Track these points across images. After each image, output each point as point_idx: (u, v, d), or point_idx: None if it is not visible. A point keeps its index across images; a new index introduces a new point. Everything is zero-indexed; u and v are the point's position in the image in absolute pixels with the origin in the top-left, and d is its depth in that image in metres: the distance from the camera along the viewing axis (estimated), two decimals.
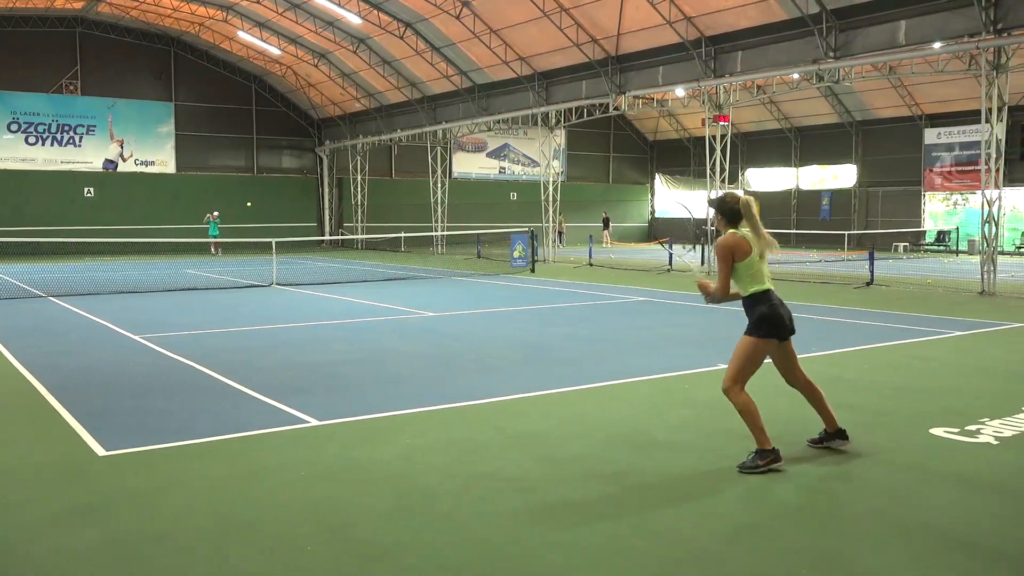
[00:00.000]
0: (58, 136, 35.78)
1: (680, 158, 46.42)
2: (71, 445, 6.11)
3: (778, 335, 5.74)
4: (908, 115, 35.70)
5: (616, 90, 27.05)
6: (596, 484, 5.26)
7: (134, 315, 13.73)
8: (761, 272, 5.79)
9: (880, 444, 6.17)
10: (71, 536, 4.42)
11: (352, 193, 40.11)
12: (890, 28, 19.92)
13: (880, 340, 11.04)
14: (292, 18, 32.03)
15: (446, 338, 11.32)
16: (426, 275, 22.70)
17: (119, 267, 25.89)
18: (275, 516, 4.70)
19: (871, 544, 4.33)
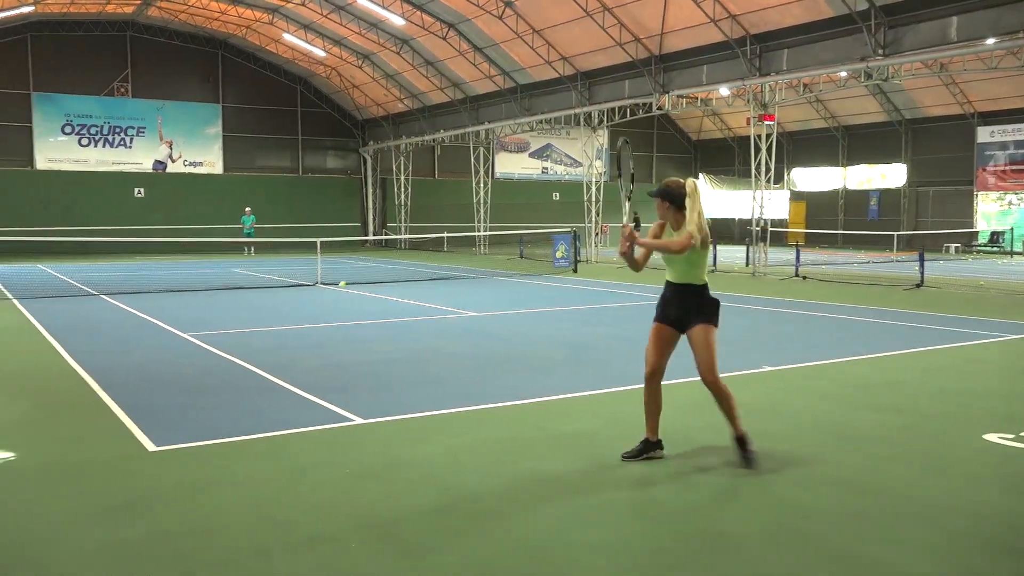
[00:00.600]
0: (109, 138, 36.53)
1: (724, 158, 45.96)
2: (122, 440, 6.23)
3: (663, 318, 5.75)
4: (960, 113, 34.93)
5: (659, 89, 26.87)
6: (639, 486, 5.22)
7: (182, 313, 13.96)
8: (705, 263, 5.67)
9: (932, 449, 6.04)
10: (120, 529, 4.50)
11: (395, 193, 40.37)
12: (941, 24, 19.50)
13: (931, 343, 10.82)
14: (337, 20, 32.34)
15: (489, 338, 11.33)
16: (469, 275, 22.76)
17: (168, 266, 26.37)
18: (317, 513, 4.74)
19: (921, 550, 4.23)
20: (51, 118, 35.47)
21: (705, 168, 47.62)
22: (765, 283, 19.96)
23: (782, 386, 8.19)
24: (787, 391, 7.97)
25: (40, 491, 5.14)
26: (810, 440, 6.26)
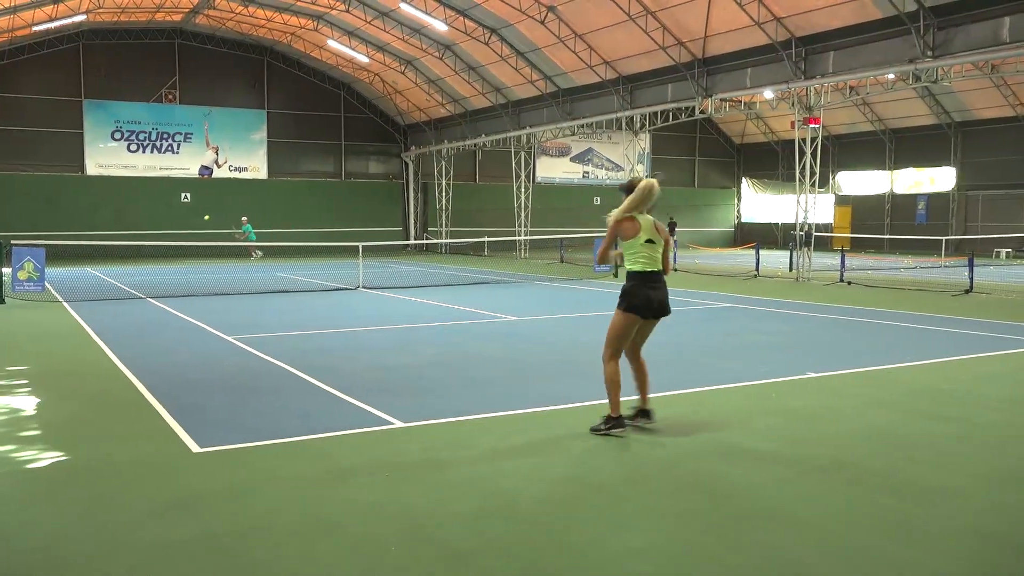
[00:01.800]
0: (157, 143, 37.26)
1: (768, 162, 45.48)
2: (168, 441, 6.33)
3: (639, 312, 6.41)
4: (1012, 115, 34.17)
5: (702, 93, 26.68)
6: (681, 492, 5.18)
7: (226, 316, 14.16)
8: (643, 254, 6.36)
9: (983, 458, 5.90)
10: (170, 529, 4.57)
11: (436, 198, 40.61)
12: (992, 25, 19.10)
13: (981, 350, 10.57)
14: (380, 26, 32.63)
15: (530, 342, 11.32)
16: (509, 279, 22.78)
17: (213, 270, 26.77)
18: (360, 516, 4.77)
19: (974, 562, 4.13)
20: (101, 124, 36.29)
21: (748, 172, 47.16)
22: (809, 288, 19.68)
23: (828, 393, 8.06)
24: (833, 397, 7.84)
25: (90, 490, 5.24)
26: (858, 447, 6.15)
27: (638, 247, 6.35)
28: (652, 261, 6.38)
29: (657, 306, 6.42)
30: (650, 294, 6.37)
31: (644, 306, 6.39)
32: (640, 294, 6.37)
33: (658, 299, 6.41)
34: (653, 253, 6.38)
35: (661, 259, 6.45)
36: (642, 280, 6.38)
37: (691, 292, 18.77)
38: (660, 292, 6.43)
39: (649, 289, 6.37)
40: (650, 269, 6.37)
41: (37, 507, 4.94)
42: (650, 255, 6.37)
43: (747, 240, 42.45)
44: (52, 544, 4.38)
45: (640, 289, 6.38)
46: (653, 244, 6.37)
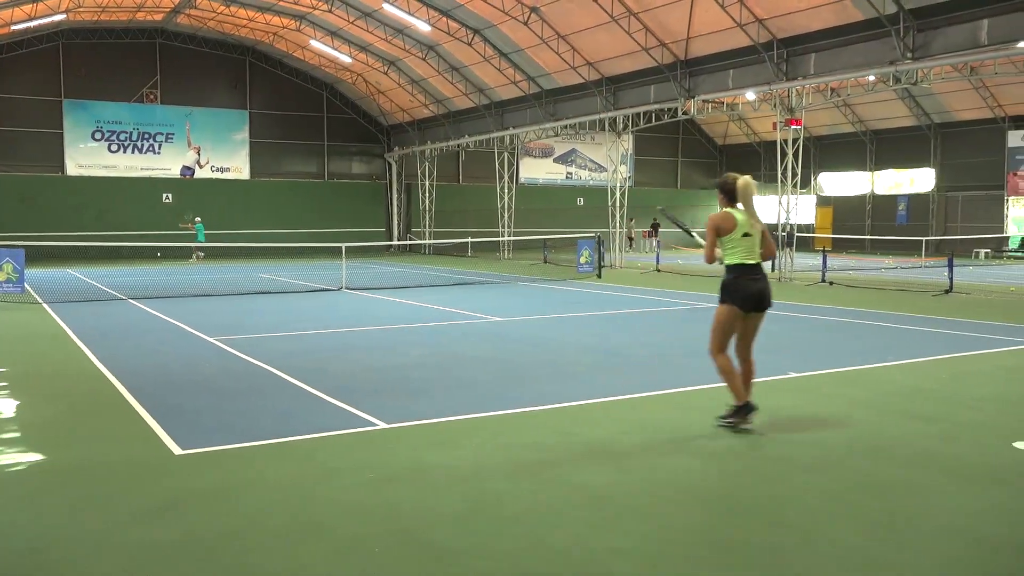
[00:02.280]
0: (139, 144, 37.02)
1: (750, 162, 45.70)
2: (150, 443, 6.29)
3: (738, 304, 6.51)
4: (990, 117, 34.52)
5: (685, 94, 26.78)
6: (665, 492, 5.20)
7: (208, 318, 14.08)
8: (741, 248, 6.50)
9: (962, 457, 5.96)
10: (154, 531, 4.54)
11: (420, 198, 40.55)
12: (971, 27, 19.29)
13: (960, 349, 10.68)
14: (363, 26, 32.56)
15: (514, 343, 11.33)
16: (493, 280, 22.79)
17: (194, 270, 26.63)
18: (345, 517, 4.76)
19: (951, 560, 4.18)
20: (81, 124, 36.01)
21: (730, 173, 47.35)
22: (792, 288, 19.80)
23: (810, 392, 8.12)
24: (815, 397, 7.90)
25: (72, 493, 5.20)
26: (839, 447, 6.20)
27: (736, 241, 6.49)
28: (750, 254, 6.51)
29: (757, 298, 6.52)
30: (750, 286, 6.49)
31: (744, 298, 6.50)
32: (740, 287, 6.51)
33: (758, 290, 6.51)
34: (751, 246, 6.49)
35: (759, 252, 6.55)
36: (741, 272, 6.51)
37: (673, 292, 18.84)
38: (760, 284, 6.53)
39: (749, 281, 6.50)
40: (749, 261, 6.50)
41: (18, 510, 4.90)
42: (748, 248, 6.50)
43: None
44: (34, 547, 4.35)
45: (740, 282, 6.51)
46: (750, 237, 6.49)
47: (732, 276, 6.53)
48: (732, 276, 6.53)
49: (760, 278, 6.53)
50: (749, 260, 6.51)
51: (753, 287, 6.50)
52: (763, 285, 6.54)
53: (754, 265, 6.52)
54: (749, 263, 6.51)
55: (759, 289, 6.52)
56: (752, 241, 6.49)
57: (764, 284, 6.55)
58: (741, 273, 6.51)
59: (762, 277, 6.55)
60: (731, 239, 6.49)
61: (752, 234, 6.49)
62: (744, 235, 6.48)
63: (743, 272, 6.51)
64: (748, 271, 6.50)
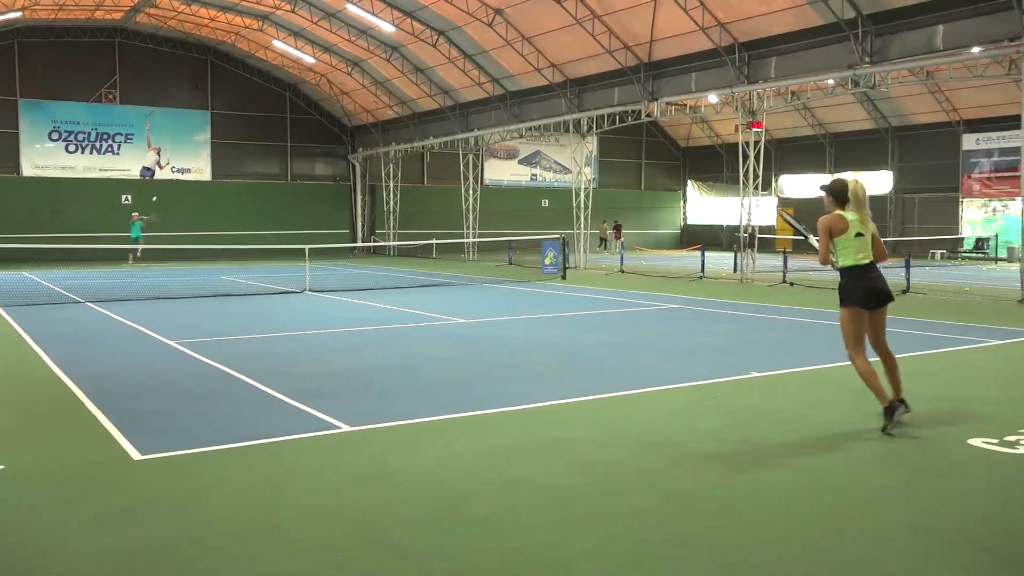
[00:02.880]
0: (97, 144, 36.42)
1: (713, 165, 46.13)
2: (107, 449, 6.19)
3: (861, 303, 6.66)
4: (946, 120, 35.18)
5: (648, 97, 26.97)
6: (630, 492, 5.23)
7: (169, 320, 13.90)
8: (853, 248, 6.66)
9: (917, 454, 6.07)
10: (110, 538, 4.48)
11: (384, 200, 40.36)
12: (927, 32, 19.66)
13: (917, 348, 10.87)
14: (326, 27, 32.34)
15: (478, 344, 11.33)
16: (458, 282, 22.76)
17: (155, 273, 26.27)
18: (308, 521, 4.73)
19: (908, 555, 4.26)
20: (38, 124, 35.34)
21: (693, 175, 47.78)
22: (753, 289, 20.03)
23: (772, 392, 8.22)
24: (776, 397, 8.00)
25: (29, 500, 5.11)
26: (801, 446, 6.29)
27: (849, 241, 6.65)
28: (864, 254, 6.67)
29: (877, 293, 6.70)
30: (867, 284, 6.67)
31: (865, 296, 6.67)
32: (858, 287, 6.68)
33: (877, 287, 6.69)
34: (863, 246, 6.65)
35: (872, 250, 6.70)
36: (857, 273, 6.69)
37: (637, 294, 18.96)
38: (878, 280, 6.71)
39: (866, 280, 6.68)
40: (864, 261, 6.67)
41: None
42: (861, 247, 6.66)
43: (693, 242, 43.01)
44: None
45: (857, 282, 6.68)
46: (863, 237, 6.66)
47: (849, 278, 6.71)
48: (849, 278, 6.71)
49: (877, 274, 6.73)
50: (864, 260, 6.67)
51: (872, 285, 6.69)
52: (882, 281, 6.74)
53: (869, 264, 6.68)
54: (864, 263, 6.67)
55: (879, 286, 6.71)
56: (864, 241, 6.66)
57: (882, 279, 6.75)
58: (858, 274, 6.68)
59: (878, 273, 6.74)
60: (845, 239, 6.66)
61: (864, 233, 6.66)
62: (857, 235, 6.65)
63: (860, 272, 6.67)
64: (864, 271, 6.67)
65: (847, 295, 6.73)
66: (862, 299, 6.67)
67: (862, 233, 6.66)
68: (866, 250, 6.69)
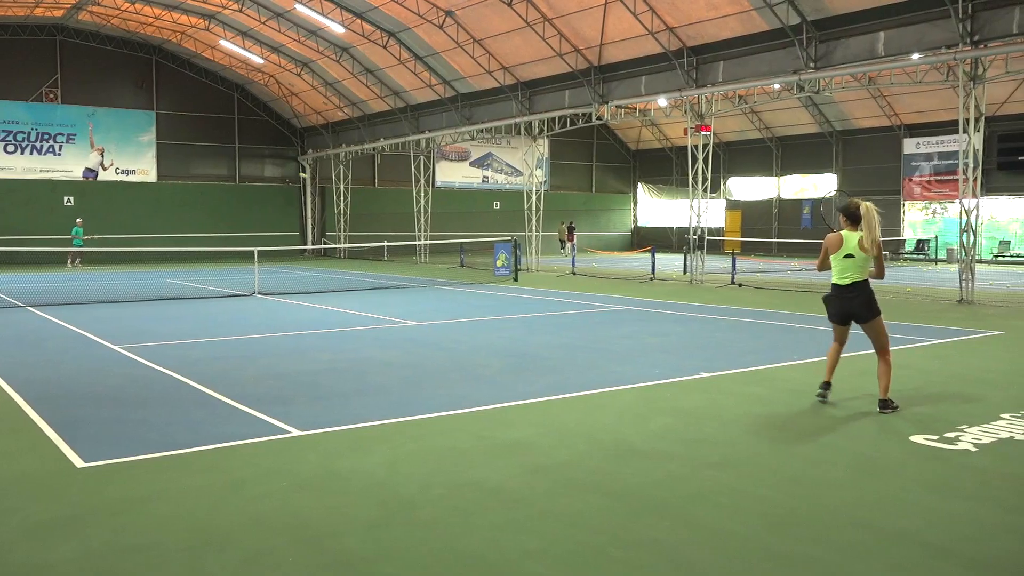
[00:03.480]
0: (37, 144, 35.50)
1: (663, 167, 46.60)
2: (49, 456, 6.04)
3: (831, 317, 7.61)
4: (887, 125, 36.02)
5: (599, 100, 27.15)
6: (577, 493, 5.26)
7: (113, 325, 13.62)
8: (838, 268, 7.37)
9: (859, 451, 6.20)
10: (47, 549, 4.36)
11: (335, 202, 40.01)
12: (869, 39, 20.10)
13: (860, 348, 11.07)
14: (275, 27, 31.97)
15: (429, 347, 11.29)
16: (409, 284, 22.66)
17: (99, 276, 25.70)
18: (254, 528, 4.67)
19: (850, 551, 4.35)
20: None
21: (644, 177, 48.21)
22: (703, 290, 20.27)
23: (720, 392, 8.33)
24: (724, 397, 8.10)
25: None
26: (747, 444, 6.38)
27: (837, 261, 7.38)
28: (843, 275, 7.35)
29: (844, 313, 7.47)
30: (835, 303, 7.48)
31: (835, 312, 7.54)
32: (832, 302, 7.54)
33: (842, 308, 7.44)
34: (847, 267, 7.31)
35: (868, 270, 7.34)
36: (836, 291, 7.47)
37: (588, 295, 19.07)
38: (851, 301, 7.35)
39: (835, 299, 7.48)
40: (841, 282, 7.38)
41: None
42: (842, 269, 7.34)
43: (644, 244, 43.41)
44: None
45: (833, 299, 7.52)
46: (851, 259, 7.29)
47: (830, 292, 7.57)
48: (830, 292, 7.57)
49: (848, 297, 7.36)
50: (843, 281, 7.35)
51: (838, 304, 7.47)
52: (848, 304, 7.39)
53: (846, 286, 7.34)
54: (843, 283, 7.36)
55: (842, 307, 7.44)
56: (851, 263, 7.28)
57: (850, 303, 7.38)
58: (833, 291, 7.50)
59: (855, 295, 7.32)
60: (835, 258, 7.37)
61: (854, 255, 7.26)
62: (845, 256, 7.30)
63: (834, 290, 7.48)
64: (842, 290, 7.39)
65: (826, 306, 7.67)
66: (833, 314, 7.57)
67: (851, 255, 7.27)
68: (850, 271, 7.29)
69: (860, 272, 7.30)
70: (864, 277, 7.34)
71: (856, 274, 7.30)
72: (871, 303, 7.36)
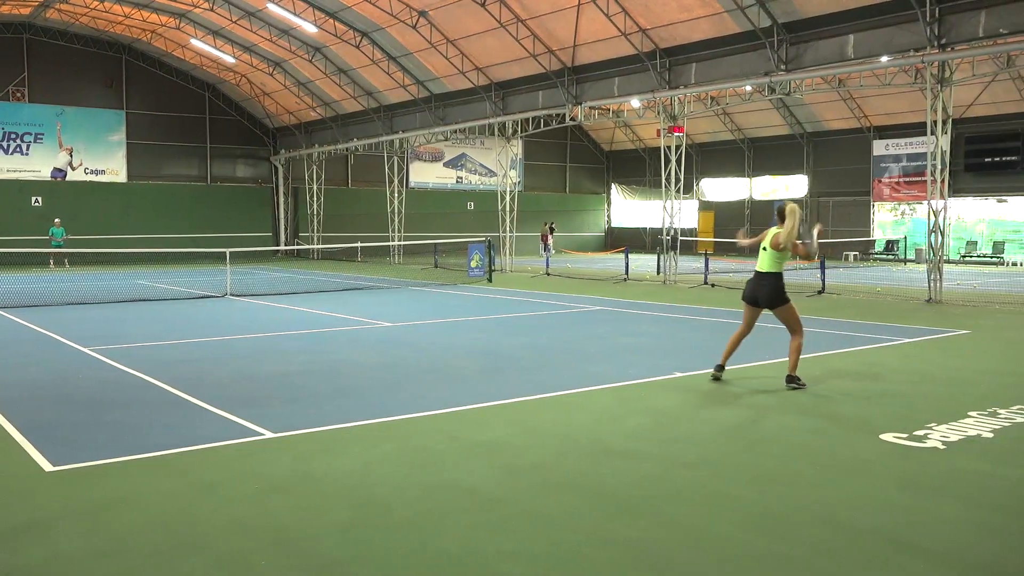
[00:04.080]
0: (4, 144, 34.97)
1: (636, 168, 46.81)
2: (16, 460, 5.95)
3: (744, 296, 8.74)
4: (857, 127, 36.43)
5: (572, 100, 27.22)
6: (553, 493, 5.27)
7: (83, 327, 13.45)
8: (758, 258, 8.57)
9: (831, 449, 6.27)
10: (12, 554, 4.30)
11: (308, 202, 39.78)
12: (839, 42, 20.32)
13: (830, 347, 11.23)
14: (247, 26, 31.73)
15: (403, 348, 11.26)
16: (383, 285, 22.58)
17: (67, 278, 25.36)
18: (227, 531, 4.63)
19: (820, 548, 4.39)
20: None
21: (617, 178, 48.39)
22: (676, 291, 20.38)
23: (693, 392, 8.38)
24: (698, 396, 8.15)
25: None
26: (720, 443, 6.43)
27: (758, 252, 8.61)
28: (761, 264, 8.56)
29: (750, 295, 8.63)
30: (751, 286, 8.64)
31: (747, 294, 8.69)
32: (748, 285, 8.69)
33: (751, 293, 8.60)
34: (760, 258, 8.55)
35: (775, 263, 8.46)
36: (753, 276, 8.66)
37: (562, 296, 19.10)
38: (758, 287, 8.52)
39: (750, 282, 8.66)
40: (758, 269, 8.59)
41: None
42: (760, 258, 8.56)
43: (618, 244, 43.56)
44: None
45: (749, 282, 8.70)
46: (765, 251, 8.50)
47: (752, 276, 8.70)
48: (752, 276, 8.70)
49: (759, 284, 8.53)
50: (758, 268, 8.58)
51: (750, 287, 8.63)
52: (756, 289, 8.55)
53: (759, 272, 8.55)
54: (757, 270, 8.60)
55: (753, 290, 8.58)
56: (764, 254, 8.51)
57: (758, 288, 8.53)
58: (753, 277, 8.66)
59: (763, 284, 8.50)
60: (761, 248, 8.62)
61: (767, 249, 8.48)
62: (762, 248, 8.57)
63: (754, 276, 8.64)
64: (755, 275, 8.63)
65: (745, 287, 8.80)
66: (746, 294, 8.72)
67: (765, 248, 8.52)
68: (764, 262, 8.50)
69: (770, 265, 8.45)
70: (776, 270, 8.46)
71: (767, 265, 8.48)
72: (778, 294, 8.45)
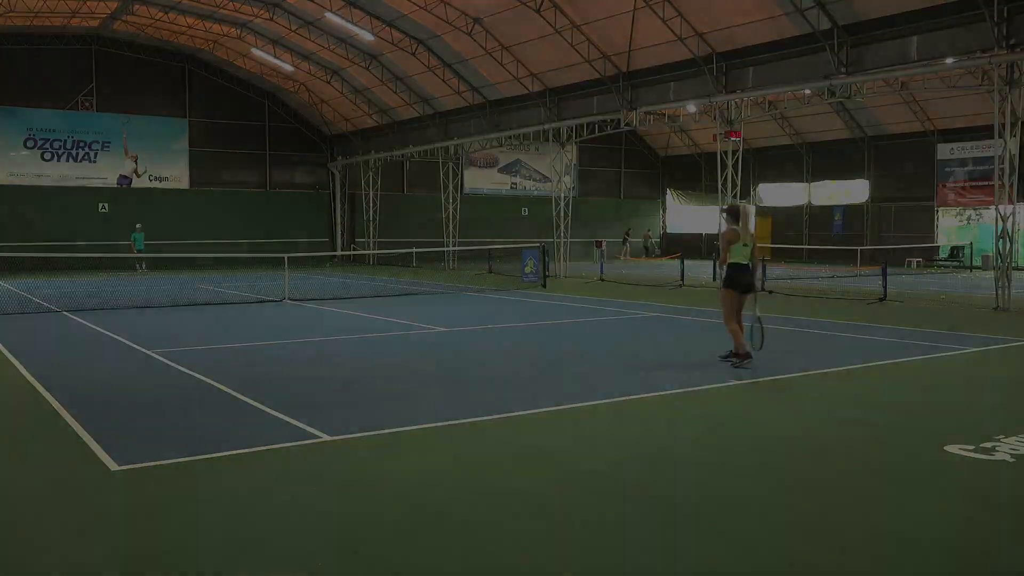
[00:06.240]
0: (73, 152, 36.08)
1: (691, 173, 46.36)
2: (84, 460, 6.12)
3: (736, 288, 9.85)
4: (920, 130, 35.57)
5: (627, 106, 27.10)
6: (608, 501, 5.23)
7: (147, 330, 13.78)
8: (740, 254, 9.80)
9: (893, 461, 6.12)
10: (80, 552, 4.42)
11: (364, 208, 40.25)
12: (901, 43, 19.90)
13: (893, 356, 10.97)
14: (306, 35, 32.28)
15: (458, 353, 11.31)
16: (437, 290, 22.73)
17: (132, 282, 26.04)
18: (285, 532, 4.69)
19: (883, 563, 4.29)
20: (12, 132, 34.99)
21: (672, 184, 47.99)
22: None
23: (751, 400, 8.26)
24: (754, 405, 8.04)
25: (2, 513, 5.03)
26: (776, 453, 6.32)
27: (739, 248, 9.79)
28: (744, 257, 9.77)
29: (746, 285, 9.82)
30: (742, 278, 9.81)
31: (738, 285, 9.79)
32: (737, 278, 9.79)
33: (746, 280, 9.82)
34: (746, 253, 9.76)
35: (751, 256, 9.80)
36: (740, 268, 9.78)
37: (617, 302, 18.99)
38: (747, 276, 9.82)
39: (742, 275, 9.80)
40: (743, 262, 9.78)
41: None
42: (745, 255, 9.76)
43: (673, 250, 43.17)
44: None
45: (737, 275, 9.79)
46: (747, 247, 9.78)
47: (733, 271, 9.82)
48: (733, 271, 9.82)
49: (748, 273, 9.82)
50: (743, 261, 9.79)
51: (744, 278, 9.82)
52: (750, 277, 9.86)
53: (745, 264, 9.78)
54: (743, 263, 9.79)
55: (747, 280, 9.84)
56: (747, 249, 9.79)
57: (750, 277, 9.87)
58: (740, 269, 9.79)
59: (749, 273, 9.83)
60: (736, 247, 9.79)
61: (748, 244, 9.80)
62: (744, 244, 9.78)
63: (739, 269, 9.79)
64: (742, 268, 9.81)
65: (730, 282, 9.84)
66: (736, 286, 9.79)
67: (747, 244, 9.80)
68: (746, 255, 9.78)
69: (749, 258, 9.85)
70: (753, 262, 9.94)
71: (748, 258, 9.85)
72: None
